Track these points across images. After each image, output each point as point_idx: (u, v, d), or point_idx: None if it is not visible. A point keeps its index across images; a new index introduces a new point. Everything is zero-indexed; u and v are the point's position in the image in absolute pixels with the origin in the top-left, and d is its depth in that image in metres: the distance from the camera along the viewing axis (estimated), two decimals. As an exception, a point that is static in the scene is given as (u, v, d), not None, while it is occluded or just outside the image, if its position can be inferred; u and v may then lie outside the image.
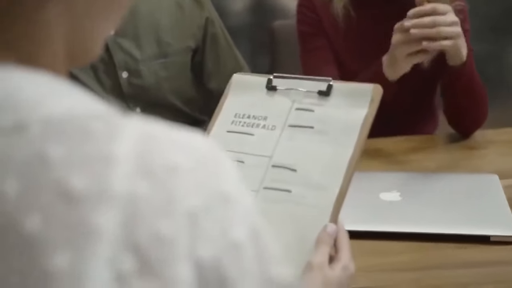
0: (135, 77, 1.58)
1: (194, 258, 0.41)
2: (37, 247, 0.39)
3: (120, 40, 1.55)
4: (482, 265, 0.99)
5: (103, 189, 0.40)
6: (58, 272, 0.39)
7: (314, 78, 0.89)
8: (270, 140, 0.87)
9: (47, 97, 0.43)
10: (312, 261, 0.74)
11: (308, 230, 0.78)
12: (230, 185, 0.45)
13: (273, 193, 0.83)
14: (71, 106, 0.44)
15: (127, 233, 0.40)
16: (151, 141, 0.43)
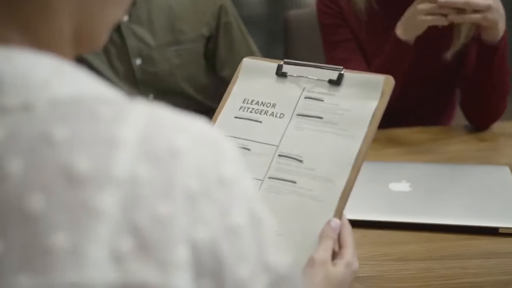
0: (148, 64, 1.58)
1: (191, 240, 0.42)
2: (39, 226, 0.40)
3: (134, 26, 1.56)
4: (490, 257, 0.98)
5: (106, 171, 0.41)
6: (58, 250, 0.39)
7: (325, 66, 0.88)
8: (278, 129, 0.86)
9: (56, 79, 0.44)
10: (315, 257, 0.73)
11: (312, 223, 0.77)
12: (231, 170, 0.45)
13: (278, 183, 0.82)
14: (79, 88, 0.44)
15: (126, 214, 0.40)
16: (155, 125, 0.43)
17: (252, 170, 0.84)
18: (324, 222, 0.76)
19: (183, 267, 0.41)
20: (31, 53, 0.45)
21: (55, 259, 0.39)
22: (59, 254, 0.39)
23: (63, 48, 0.48)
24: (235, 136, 0.87)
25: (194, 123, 0.46)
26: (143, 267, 0.40)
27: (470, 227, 1.04)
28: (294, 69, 0.89)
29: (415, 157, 1.37)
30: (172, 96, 1.64)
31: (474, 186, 1.17)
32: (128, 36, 1.55)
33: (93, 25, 0.49)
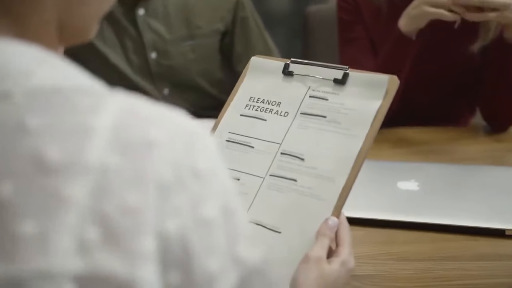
0: (164, 58, 1.59)
1: (160, 231, 0.42)
2: (8, 212, 0.40)
3: (150, 20, 1.56)
4: (493, 259, 0.96)
5: (77, 161, 0.41)
6: (25, 238, 0.40)
7: (331, 66, 0.88)
8: (282, 127, 0.86)
9: (36, 68, 0.44)
10: (310, 254, 0.73)
11: (310, 221, 0.77)
12: (207, 162, 0.45)
13: (279, 181, 0.82)
14: (58, 78, 0.45)
15: (95, 203, 0.40)
16: (131, 115, 0.44)
17: (254, 167, 0.85)
18: (322, 220, 0.76)
19: (150, 258, 0.41)
20: (16, 43, 0.45)
21: (23, 247, 0.39)
22: (27, 242, 0.39)
23: (50, 39, 0.48)
24: (240, 134, 0.88)
25: (172, 115, 0.46)
26: (109, 257, 0.40)
27: (476, 228, 1.03)
28: (301, 68, 0.90)
29: (428, 157, 1.35)
30: (187, 90, 1.64)
31: (483, 187, 1.15)
32: (144, 30, 1.56)
33: (76, 16, 0.50)
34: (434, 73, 1.51)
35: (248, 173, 0.85)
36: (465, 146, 1.43)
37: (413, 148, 1.41)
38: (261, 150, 0.86)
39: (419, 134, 1.49)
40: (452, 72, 1.53)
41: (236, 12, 1.63)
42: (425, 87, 1.53)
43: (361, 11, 1.53)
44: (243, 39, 1.66)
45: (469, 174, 1.21)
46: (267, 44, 1.70)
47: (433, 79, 1.52)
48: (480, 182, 1.18)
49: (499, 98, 1.46)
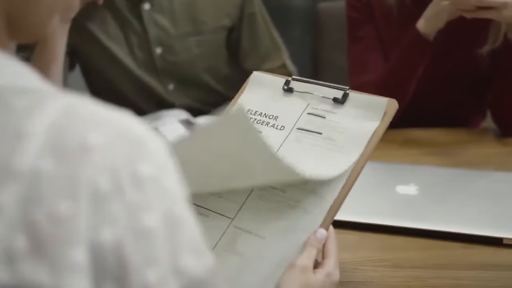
0: (169, 53, 1.58)
1: (93, 241, 0.40)
2: None
3: (155, 15, 1.55)
4: (489, 269, 0.93)
5: (6, 165, 0.39)
6: None
7: (332, 85, 0.88)
8: (276, 140, 0.86)
9: None
10: (296, 262, 0.72)
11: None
12: (149, 167, 0.43)
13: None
14: (0, 78, 0.43)
15: (24, 211, 0.38)
16: (70, 118, 0.41)
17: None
18: (308, 234, 0.76)
19: (81, 269, 0.39)
20: None
21: None
22: None
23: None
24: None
25: (116, 117, 0.43)
26: (36, 268, 0.38)
27: (473, 236, 1.00)
28: (301, 85, 0.90)
29: (432, 159, 1.32)
30: (192, 86, 1.63)
31: (484, 193, 1.12)
32: (149, 25, 1.55)
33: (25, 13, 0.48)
34: (444, 75, 1.49)
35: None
36: (472, 149, 1.40)
37: (420, 150, 1.38)
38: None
39: (427, 135, 1.47)
40: (462, 74, 1.50)
41: (243, 8, 1.61)
42: (435, 89, 1.51)
43: (372, 10, 1.51)
44: (250, 35, 1.64)
45: (471, 179, 1.18)
46: (274, 40, 1.68)
47: (443, 81, 1.50)
48: (481, 188, 1.15)
49: (508, 101, 1.43)
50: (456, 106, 1.56)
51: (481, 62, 1.47)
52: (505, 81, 1.44)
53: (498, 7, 1.27)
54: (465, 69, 1.49)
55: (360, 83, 1.47)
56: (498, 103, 1.47)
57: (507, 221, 1.03)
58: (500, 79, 1.45)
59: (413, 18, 1.41)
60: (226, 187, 0.83)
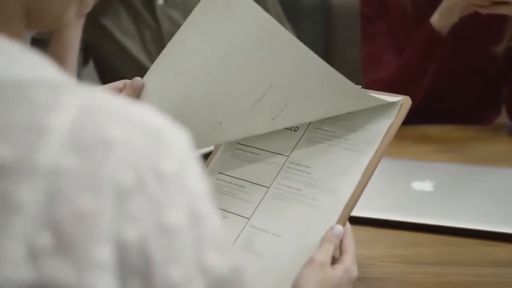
0: (182, 48, 1.57)
1: (117, 238, 0.39)
2: None
3: (169, 10, 1.55)
4: (507, 266, 0.93)
5: (28, 162, 0.38)
6: None
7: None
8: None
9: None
10: (314, 257, 0.72)
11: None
12: (172, 163, 0.42)
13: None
14: (16, 70, 0.42)
15: (47, 208, 0.38)
16: (90, 112, 0.40)
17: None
18: (324, 231, 0.76)
19: (105, 267, 0.38)
20: None
21: None
22: None
23: (14, 26, 0.45)
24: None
25: (137, 111, 0.43)
26: (61, 266, 0.38)
27: (489, 233, 0.99)
28: None
29: (446, 156, 1.32)
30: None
31: (501, 190, 1.12)
32: (163, 20, 1.55)
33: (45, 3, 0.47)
34: (458, 71, 1.49)
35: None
36: (486, 145, 1.39)
37: (433, 146, 1.38)
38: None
39: (440, 131, 1.46)
40: (476, 70, 1.50)
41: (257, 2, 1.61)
42: (449, 85, 1.50)
43: (386, 6, 1.51)
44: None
45: (486, 176, 1.18)
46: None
47: (457, 77, 1.50)
48: (496, 184, 1.14)
49: None
50: (470, 102, 1.55)
51: (495, 58, 1.46)
52: None
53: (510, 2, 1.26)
54: (479, 65, 1.49)
55: (374, 80, 1.47)
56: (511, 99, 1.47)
57: (524, 218, 1.03)
58: None
59: (427, 14, 1.41)
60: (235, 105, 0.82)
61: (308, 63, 0.77)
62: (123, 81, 0.85)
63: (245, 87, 0.81)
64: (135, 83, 0.83)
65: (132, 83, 0.84)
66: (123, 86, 0.85)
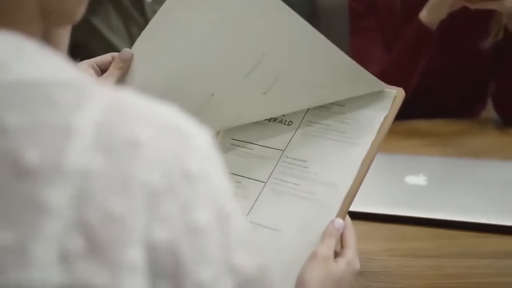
0: (171, 46, 1.57)
1: (148, 240, 0.39)
2: None
3: (157, 7, 1.53)
4: (502, 257, 0.94)
5: (57, 163, 0.38)
6: (2, 249, 0.37)
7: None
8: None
9: (13, 60, 0.41)
10: (317, 251, 0.72)
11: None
12: (198, 163, 0.42)
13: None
14: (38, 71, 0.41)
15: (77, 211, 0.38)
16: (116, 113, 0.40)
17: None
18: (325, 224, 0.76)
19: (137, 269, 0.38)
20: None
21: (0, 258, 0.37)
22: (2, 252, 0.37)
23: (31, 24, 0.45)
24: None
25: (161, 110, 0.42)
26: (91, 269, 0.37)
27: (483, 225, 1.01)
28: None
29: (437, 150, 1.33)
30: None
31: (492, 183, 1.13)
32: (151, 17, 1.54)
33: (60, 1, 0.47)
34: (447, 66, 1.50)
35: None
36: (475, 139, 1.41)
37: (423, 141, 1.39)
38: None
39: (429, 126, 1.48)
40: (465, 65, 1.51)
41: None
42: (438, 80, 1.52)
43: (376, 2, 1.51)
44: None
45: (478, 169, 1.19)
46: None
47: (445, 71, 1.51)
48: (489, 177, 1.16)
49: (510, 91, 1.45)
50: (458, 96, 1.57)
51: (483, 53, 1.48)
52: (506, 72, 1.45)
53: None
54: (467, 60, 1.50)
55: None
56: (500, 93, 1.48)
57: (516, 209, 1.05)
58: (502, 70, 1.46)
59: (416, 10, 1.42)
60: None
61: (303, 35, 0.78)
62: (110, 54, 0.84)
63: (238, 57, 0.81)
64: (124, 54, 0.83)
65: (121, 55, 0.83)
66: (111, 58, 0.84)
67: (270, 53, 0.80)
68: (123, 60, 0.83)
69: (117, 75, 0.83)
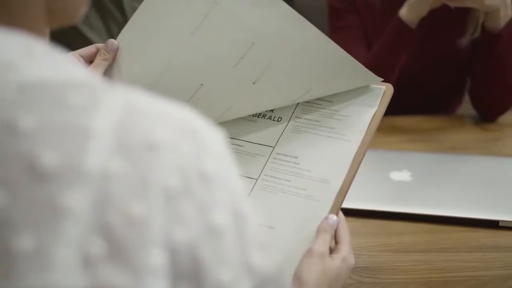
0: (150, 44, 1.56)
1: (168, 242, 0.39)
2: (2, 226, 0.37)
3: (136, 4, 1.53)
4: (490, 250, 0.96)
5: (75, 166, 0.37)
6: (22, 253, 0.36)
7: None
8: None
9: (24, 60, 0.40)
10: (313, 248, 0.72)
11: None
12: (214, 164, 0.42)
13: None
14: (48, 72, 0.41)
15: (97, 214, 0.37)
16: (132, 114, 0.40)
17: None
18: (319, 220, 0.76)
19: (158, 272, 0.38)
20: (0, 32, 0.41)
21: (18, 262, 0.36)
22: (22, 257, 0.36)
23: (37, 24, 0.44)
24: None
25: (176, 111, 0.42)
26: (114, 272, 0.37)
27: (470, 220, 1.03)
28: None
29: (418, 146, 1.35)
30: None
31: (476, 178, 1.15)
32: (130, 14, 1.52)
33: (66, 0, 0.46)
34: (426, 63, 1.52)
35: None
36: (454, 135, 1.43)
37: (405, 137, 1.41)
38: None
39: (410, 122, 1.49)
40: (443, 62, 1.53)
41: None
42: (417, 76, 1.53)
43: (354, 0, 1.52)
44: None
45: (462, 164, 1.21)
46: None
47: (425, 68, 1.53)
48: (472, 172, 1.18)
49: (488, 88, 1.47)
50: (437, 92, 1.59)
51: (461, 50, 1.50)
52: (483, 69, 1.47)
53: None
54: (446, 57, 1.52)
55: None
56: (478, 90, 1.51)
57: (500, 203, 1.07)
58: (479, 67, 1.48)
59: (396, 8, 1.43)
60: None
61: (294, 24, 0.78)
62: (94, 45, 0.83)
63: (227, 46, 0.81)
64: (110, 45, 0.83)
65: (108, 46, 0.83)
66: (95, 49, 0.83)
67: (260, 42, 0.80)
68: (109, 51, 0.83)
69: (104, 66, 0.82)
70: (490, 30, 1.40)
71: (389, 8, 1.46)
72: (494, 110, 1.49)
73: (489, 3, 1.32)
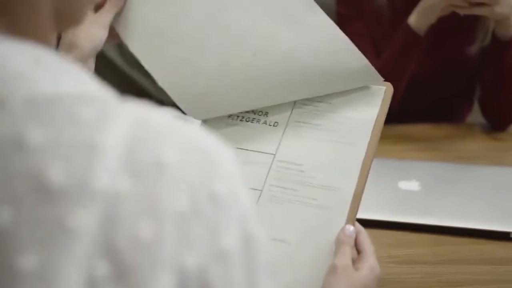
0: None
1: (177, 266, 0.37)
2: (6, 244, 0.35)
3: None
4: (501, 263, 0.94)
5: (84, 184, 0.36)
6: (26, 273, 0.35)
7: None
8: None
9: (33, 72, 0.39)
10: (336, 263, 0.70)
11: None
12: (224, 185, 0.40)
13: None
14: (58, 85, 0.39)
15: (105, 235, 0.36)
16: (142, 132, 0.38)
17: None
18: (336, 230, 0.74)
19: None
20: (9, 41, 0.40)
21: (21, 282, 0.35)
22: (25, 276, 0.35)
23: (45, 30, 0.43)
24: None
25: (186, 129, 0.41)
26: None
27: (480, 231, 1.00)
28: None
29: (427, 155, 1.33)
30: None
31: (486, 188, 1.13)
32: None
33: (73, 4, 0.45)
34: (435, 70, 1.50)
35: None
36: (462, 144, 1.41)
37: (413, 145, 1.39)
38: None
39: (418, 130, 1.47)
40: (452, 70, 1.52)
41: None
42: (426, 84, 1.52)
43: (362, 7, 1.51)
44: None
45: (471, 174, 1.19)
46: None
47: (434, 76, 1.51)
48: (482, 182, 1.15)
49: (497, 96, 1.46)
50: (446, 100, 1.57)
51: (470, 57, 1.48)
52: (493, 77, 1.46)
53: (490, 4, 1.28)
54: (455, 65, 1.51)
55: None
56: (488, 99, 1.49)
57: (510, 215, 1.04)
58: (489, 75, 1.46)
59: (404, 15, 1.41)
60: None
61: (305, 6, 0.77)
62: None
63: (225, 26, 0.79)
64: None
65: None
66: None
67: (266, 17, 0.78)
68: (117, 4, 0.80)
69: (113, 13, 0.79)
70: (500, 38, 1.39)
71: (398, 15, 1.45)
72: (504, 119, 1.46)
73: (499, 11, 1.30)
